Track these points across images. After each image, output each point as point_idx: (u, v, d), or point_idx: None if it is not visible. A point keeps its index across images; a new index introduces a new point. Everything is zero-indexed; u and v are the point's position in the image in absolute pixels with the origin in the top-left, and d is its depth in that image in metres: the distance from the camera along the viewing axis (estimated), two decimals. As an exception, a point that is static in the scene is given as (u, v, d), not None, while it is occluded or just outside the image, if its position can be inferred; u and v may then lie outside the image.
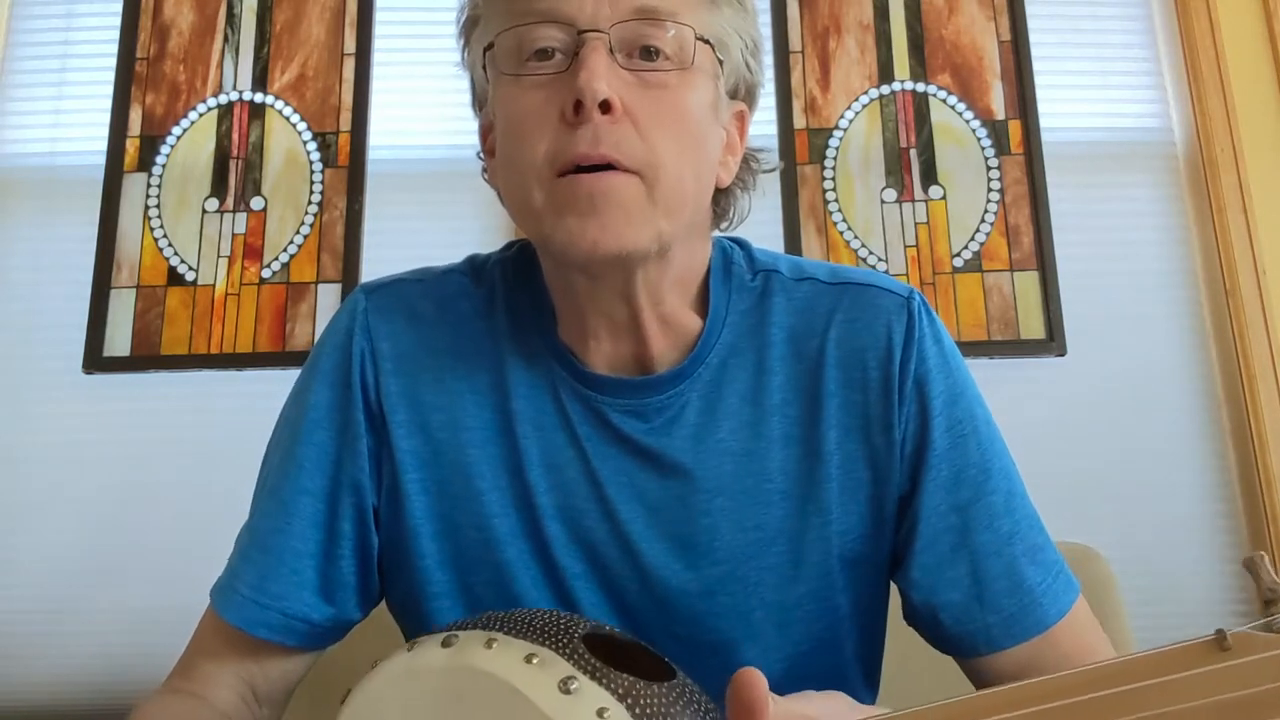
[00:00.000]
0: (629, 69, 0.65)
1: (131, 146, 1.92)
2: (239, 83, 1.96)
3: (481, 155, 0.75)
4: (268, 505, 0.75)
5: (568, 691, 0.47)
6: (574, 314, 0.72)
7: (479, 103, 0.75)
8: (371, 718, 0.51)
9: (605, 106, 0.63)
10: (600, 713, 0.47)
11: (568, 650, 0.50)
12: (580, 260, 0.65)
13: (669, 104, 0.66)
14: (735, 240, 0.79)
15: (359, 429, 0.73)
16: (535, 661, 0.49)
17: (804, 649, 0.72)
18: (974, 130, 1.93)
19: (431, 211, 1.89)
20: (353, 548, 0.74)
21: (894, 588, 0.77)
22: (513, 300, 0.76)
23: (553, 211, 0.64)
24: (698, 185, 0.68)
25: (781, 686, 0.73)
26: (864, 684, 0.78)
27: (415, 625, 0.77)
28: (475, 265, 0.79)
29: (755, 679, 0.41)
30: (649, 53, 0.65)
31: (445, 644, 0.51)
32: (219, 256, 1.87)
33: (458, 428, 0.73)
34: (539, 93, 0.65)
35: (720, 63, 0.70)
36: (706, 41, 0.67)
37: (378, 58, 1.97)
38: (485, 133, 0.74)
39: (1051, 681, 0.39)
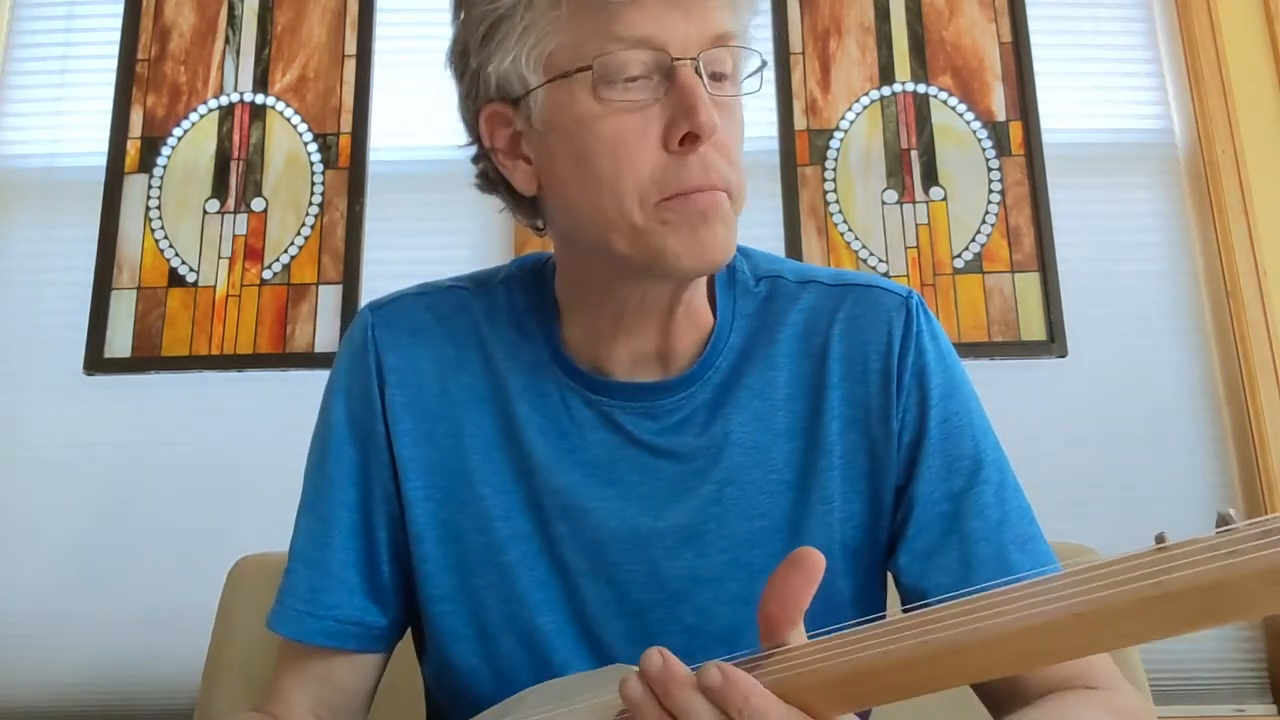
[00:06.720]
0: (712, 94, 0.66)
1: (132, 148, 1.92)
2: (240, 84, 1.96)
3: (495, 156, 0.72)
4: (309, 524, 0.78)
5: None
6: (608, 318, 0.73)
7: (498, 99, 0.70)
8: None
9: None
10: None
11: None
12: (690, 271, 0.68)
13: (737, 125, 0.69)
14: (738, 248, 0.81)
15: (381, 440, 0.77)
16: None
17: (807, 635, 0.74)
18: (975, 131, 1.93)
19: (432, 213, 1.89)
20: (390, 553, 0.78)
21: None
22: (518, 313, 0.78)
23: (661, 227, 0.66)
24: None
25: None
26: None
27: (420, 628, 0.79)
28: (479, 279, 0.82)
29: (817, 559, 0.50)
30: (719, 76, 0.67)
31: None
32: (220, 258, 1.87)
33: (460, 435, 0.76)
34: (634, 116, 0.65)
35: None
36: (765, 63, 0.70)
37: (378, 59, 1.97)
38: (515, 138, 0.71)
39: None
